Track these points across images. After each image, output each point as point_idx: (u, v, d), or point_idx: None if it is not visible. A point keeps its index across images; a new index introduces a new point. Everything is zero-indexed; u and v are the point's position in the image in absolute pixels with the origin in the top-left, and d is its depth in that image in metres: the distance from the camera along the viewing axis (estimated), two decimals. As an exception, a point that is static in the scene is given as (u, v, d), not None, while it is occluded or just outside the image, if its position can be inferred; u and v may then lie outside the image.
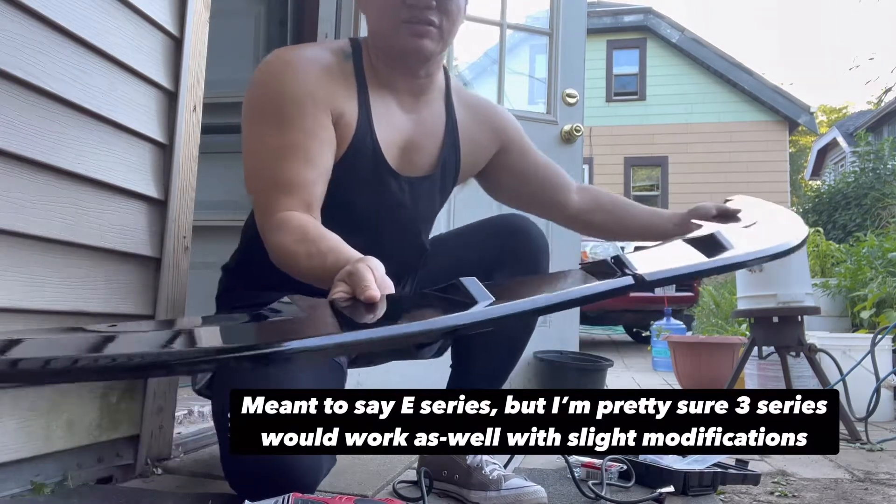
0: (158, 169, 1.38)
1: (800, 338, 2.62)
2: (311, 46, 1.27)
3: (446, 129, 1.34)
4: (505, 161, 1.45)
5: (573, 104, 2.67)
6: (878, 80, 36.14)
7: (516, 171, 1.45)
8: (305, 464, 1.00)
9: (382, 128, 1.22)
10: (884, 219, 7.20)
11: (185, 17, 1.42)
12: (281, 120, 1.11)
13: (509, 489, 1.23)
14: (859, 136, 10.42)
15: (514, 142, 1.44)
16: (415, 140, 1.28)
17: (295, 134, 1.11)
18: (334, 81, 1.18)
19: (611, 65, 12.43)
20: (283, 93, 1.12)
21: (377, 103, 1.23)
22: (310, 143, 1.11)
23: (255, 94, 1.15)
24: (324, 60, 1.19)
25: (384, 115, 1.23)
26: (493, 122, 1.43)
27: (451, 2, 1.19)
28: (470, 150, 1.38)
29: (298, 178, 1.08)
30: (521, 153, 1.45)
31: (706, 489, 1.43)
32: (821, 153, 15.08)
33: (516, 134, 1.45)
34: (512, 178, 1.46)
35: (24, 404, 1.08)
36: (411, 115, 1.28)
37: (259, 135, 1.13)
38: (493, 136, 1.43)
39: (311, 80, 1.14)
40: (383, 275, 0.82)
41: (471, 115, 1.39)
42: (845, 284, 4.27)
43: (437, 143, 1.32)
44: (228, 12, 2.54)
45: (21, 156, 1.04)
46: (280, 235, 1.03)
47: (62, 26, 1.11)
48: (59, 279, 1.13)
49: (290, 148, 1.10)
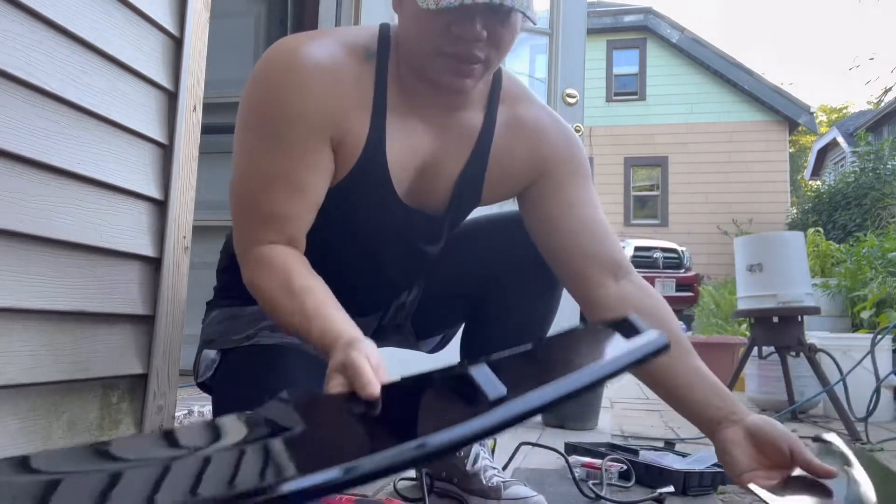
0: (158, 169, 1.38)
1: (800, 338, 2.62)
2: (327, 39, 1.04)
3: (476, 148, 1.11)
4: (534, 196, 1.15)
5: (573, 104, 2.67)
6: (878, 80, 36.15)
7: (541, 213, 1.14)
8: None
9: (396, 149, 1.05)
10: (884, 219, 7.20)
11: (185, 18, 1.42)
12: (275, 141, 0.99)
13: (509, 498, 1.21)
14: (859, 136, 10.42)
15: (553, 175, 1.14)
16: (434, 160, 1.10)
17: (288, 161, 0.98)
18: (343, 94, 1.01)
19: (611, 65, 12.44)
20: (282, 108, 0.98)
21: (395, 118, 1.05)
22: (302, 171, 0.99)
23: (253, 98, 1.01)
24: (336, 64, 1.01)
25: (401, 133, 1.05)
26: (537, 147, 1.14)
27: (507, 30, 0.95)
28: (499, 178, 1.14)
29: (285, 211, 0.98)
30: (555, 190, 1.13)
31: (706, 489, 1.43)
32: (821, 153, 15.08)
33: (563, 168, 1.14)
34: (536, 219, 1.16)
35: (25, 404, 1.08)
36: (435, 129, 1.08)
37: (250, 150, 1.02)
38: (531, 166, 1.14)
39: (314, 97, 0.98)
40: (378, 362, 0.76)
41: (514, 133, 1.13)
42: (845, 284, 4.27)
43: (459, 167, 1.11)
44: (228, 12, 2.54)
45: (21, 156, 1.04)
46: (261, 275, 0.96)
47: (62, 26, 1.11)
48: (59, 279, 1.13)
49: (280, 176, 0.98)
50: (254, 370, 1.06)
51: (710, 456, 1.53)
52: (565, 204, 1.12)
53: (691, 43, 11.97)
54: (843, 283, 4.29)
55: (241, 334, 1.10)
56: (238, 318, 1.14)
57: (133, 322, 1.32)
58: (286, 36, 1.07)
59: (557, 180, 1.13)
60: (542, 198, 1.14)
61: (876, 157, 8.97)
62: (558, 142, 1.15)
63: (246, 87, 1.02)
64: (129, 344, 1.31)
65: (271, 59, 1.01)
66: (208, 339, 1.16)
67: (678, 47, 12.03)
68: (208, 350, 1.14)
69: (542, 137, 1.14)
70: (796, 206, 12.10)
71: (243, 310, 1.15)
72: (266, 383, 1.04)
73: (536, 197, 1.14)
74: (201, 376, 1.15)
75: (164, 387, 1.40)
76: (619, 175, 12.06)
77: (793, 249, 2.72)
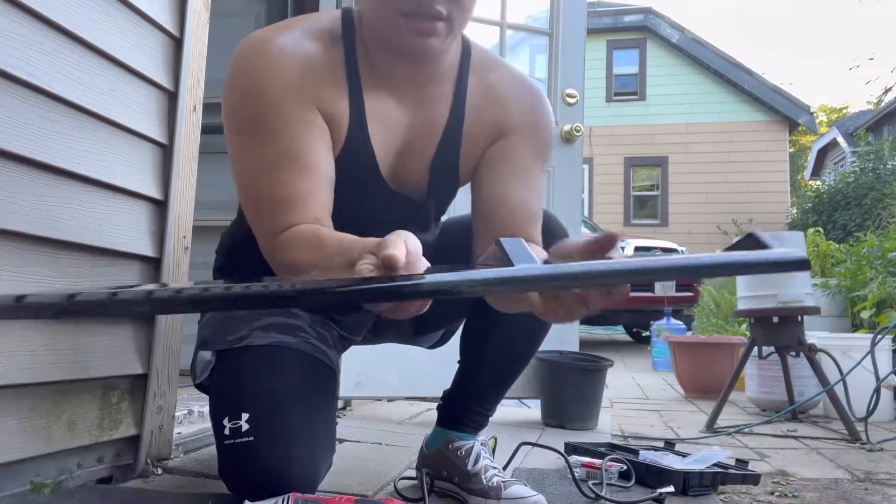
0: (158, 169, 1.38)
1: (800, 338, 2.62)
2: (291, 30, 1.03)
3: (447, 126, 1.10)
4: (484, 158, 1.12)
5: (573, 104, 2.67)
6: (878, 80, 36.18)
7: (479, 174, 1.12)
8: (303, 465, 0.99)
9: (377, 131, 1.05)
10: (884, 219, 7.21)
11: (185, 17, 1.42)
12: (266, 130, 0.97)
13: (509, 498, 1.20)
14: (859, 136, 10.42)
15: (504, 142, 1.11)
16: (410, 140, 1.09)
17: (283, 142, 0.96)
18: (319, 79, 1.00)
19: (611, 65, 12.43)
20: (262, 96, 0.97)
21: (372, 99, 1.04)
22: (301, 148, 0.97)
23: (233, 98, 1.00)
24: (306, 51, 1.00)
25: (381, 115, 1.05)
26: (502, 112, 1.12)
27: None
28: (471, 149, 1.13)
29: (296, 190, 0.95)
30: (501, 158, 1.10)
31: (706, 489, 1.43)
32: (821, 153, 15.07)
33: (515, 138, 1.11)
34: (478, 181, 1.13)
35: (26, 404, 1.08)
36: (410, 107, 1.08)
37: (243, 147, 1.00)
38: (493, 130, 1.12)
39: (292, 76, 0.97)
40: (416, 249, 0.69)
41: (484, 100, 1.11)
42: (845, 284, 4.28)
43: (433, 145, 1.11)
44: (228, 12, 2.54)
45: (21, 156, 1.04)
46: (291, 252, 0.92)
47: (62, 26, 1.11)
48: (59, 279, 1.13)
49: (280, 159, 0.96)
50: (248, 370, 1.06)
51: (710, 456, 1.53)
52: (503, 178, 1.10)
53: (691, 43, 11.97)
54: (843, 283, 4.29)
55: (235, 335, 1.10)
56: (232, 318, 1.14)
57: (133, 322, 1.32)
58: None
59: (506, 148, 1.11)
60: (486, 161, 1.12)
61: (876, 157, 8.97)
62: (524, 107, 1.13)
63: (225, 91, 1.01)
64: (129, 344, 1.31)
65: (242, 54, 1.00)
66: (203, 340, 1.16)
67: (678, 47, 12.02)
68: (204, 351, 1.13)
69: (508, 101, 1.12)
70: (796, 206, 12.10)
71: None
72: (260, 383, 1.04)
73: (485, 161, 1.12)
74: (198, 378, 1.15)
75: (164, 387, 1.41)
76: (619, 175, 12.05)
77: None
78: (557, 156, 2.47)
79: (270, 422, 0.99)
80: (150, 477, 1.34)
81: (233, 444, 0.99)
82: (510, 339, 1.27)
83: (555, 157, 1.55)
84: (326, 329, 1.18)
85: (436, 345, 1.46)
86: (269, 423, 0.99)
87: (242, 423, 0.98)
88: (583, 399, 2.35)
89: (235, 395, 1.04)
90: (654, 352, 5.25)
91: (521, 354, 1.31)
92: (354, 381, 2.31)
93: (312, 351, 1.11)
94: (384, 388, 2.37)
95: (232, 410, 1.01)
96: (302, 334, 1.12)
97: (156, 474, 1.35)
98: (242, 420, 0.99)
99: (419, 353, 1.58)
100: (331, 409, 1.12)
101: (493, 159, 1.12)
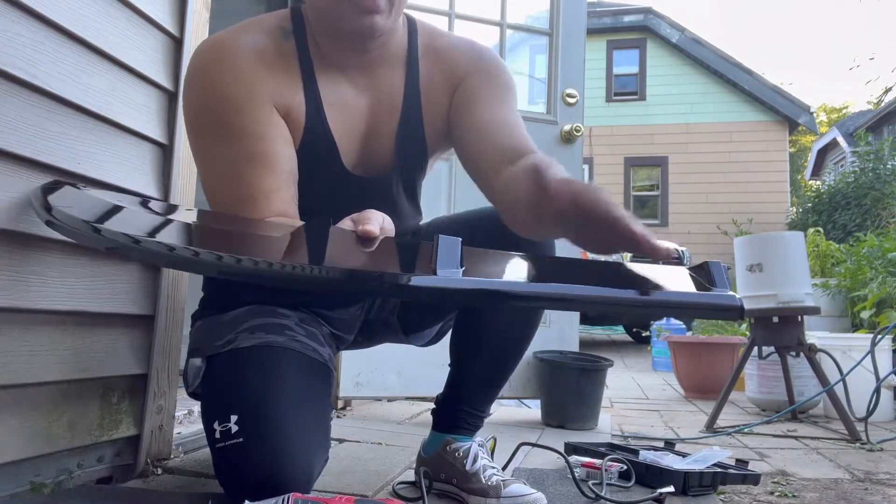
0: (159, 169, 1.38)
1: (800, 338, 2.62)
2: (244, 30, 1.08)
3: (405, 101, 1.14)
4: (452, 114, 1.16)
5: (573, 104, 2.67)
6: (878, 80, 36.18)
7: (457, 125, 1.15)
8: (296, 462, 0.97)
9: (336, 119, 1.08)
10: (884, 219, 7.21)
11: (185, 17, 1.42)
12: (226, 129, 1.01)
13: (509, 496, 1.20)
14: (859, 136, 10.42)
15: (464, 86, 1.15)
16: (371, 122, 1.13)
17: (245, 141, 1.01)
18: (274, 73, 1.04)
19: (611, 65, 12.42)
20: (221, 98, 1.01)
21: (327, 88, 1.08)
22: (262, 145, 1.01)
23: (191, 100, 1.04)
24: (259, 47, 1.05)
25: (337, 102, 1.09)
26: (451, 66, 1.16)
27: None
28: (433, 117, 1.16)
29: (260, 186, 1.00)
30: (467, 101, 1.14)
31: (706, 489, 1.43)
32: (821, 153, 15.08)
33: (473, 79, 1.15)
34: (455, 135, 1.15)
35: (27, 403, 1.08)
36: (366, 91, 1.12)
37: (206, 149, 1.04)
38: (448, 85, 1.16)
39: (249, 75, 1.02)
40: (390, 226, 0.83)
41: (433, 64, 1.16)
42: (845, 284, 4.27)
43: (395, 122, 1.14)
44: (228, 12, 2.53)
45: (21, 156, 1.04)
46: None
47: (62, 26, 1.11)
48: (59, 279, 1.13)
49: (242, 157, 1.00)
50: (235, 372, 1.06)
51: (710, 456, 1.53)
52: (476, 112, 1.12)
53: (691, 43, 11.97)
54: (843, 283, 4.29)
55: (222, 339, 1.10)
56: (220, 324, 1.13)
57: (133, 322, 1.32)
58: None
59: (469, 90, 1.15)
60: (456, 111, 1.15)
61: (876, 157, 8.97)
62: (470, 56, 1.18)
63: (183, 96, 1.06)
64: (129, 344, 1.31)
65: (198, 59, 1.05)
66: (193, 347, 1.16)
67: (678, 47, 12.02)
68: (194, 359, 1.13)
69: (453, 56, 1.18)
70: (796, 206, 12.09)
71: (223, 316, 1.14)
72: (247, 383, 1.03)
73: (454, 114, 1.15)
74: (190, 386, 1.14)
75: (164, 387, 1.41)
76: (618, 175, 12.05)
77: (793, 249, 2.72)
78: (557, 156, 2.47)
79: (259, 421, 0.98)
80: (150, 477, 1.34)
81: (224, 447, 0.98)
82: (499, 339, 1.28)
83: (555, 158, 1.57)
84: (316, 327, 1.17)
85: (429, 343, 1.45)
86: (257, 423, 0.98)
87: (232, 424, 0.98)
88: (583, 399, 2.35)
89: (224, 397, 1.03)
90: (654, 352, 5.26)
91: (510, 354, 1.31)
92: (354, 382, 2.31)
93: (301, 348, 1.10)
94: (384, 388, 2.37)
95: (221, 414, 1.00)
96: (289, 332, 1.11)
97: (156, 474, 1.35)
98: (231, 422, 0.98)
99: (419, 354, 1.59)
100: (323, 404, 1.10)
101: (459, 105, 1.16)
